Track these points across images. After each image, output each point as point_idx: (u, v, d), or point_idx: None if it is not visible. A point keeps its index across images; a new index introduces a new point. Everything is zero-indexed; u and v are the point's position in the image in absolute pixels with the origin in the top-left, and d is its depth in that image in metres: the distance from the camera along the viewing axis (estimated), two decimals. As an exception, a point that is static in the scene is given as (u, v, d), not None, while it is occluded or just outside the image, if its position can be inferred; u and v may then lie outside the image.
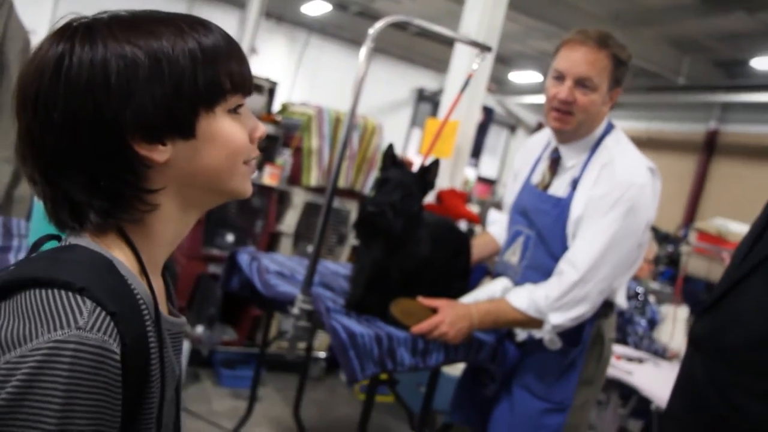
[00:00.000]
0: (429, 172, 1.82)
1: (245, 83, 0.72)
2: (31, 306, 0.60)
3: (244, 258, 2.26)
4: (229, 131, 0.70)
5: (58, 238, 0.73)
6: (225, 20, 9.46)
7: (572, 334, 1.79)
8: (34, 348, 0.57)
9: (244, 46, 7.15)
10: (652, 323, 3.36)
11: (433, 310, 1.78)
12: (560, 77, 1.73)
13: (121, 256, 0.69)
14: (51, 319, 0.59)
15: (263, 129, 0.76)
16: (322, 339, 3.59)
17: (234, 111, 0.71)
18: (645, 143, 10.95)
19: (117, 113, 0.63)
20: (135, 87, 0.63)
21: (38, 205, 1.74)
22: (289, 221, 3.71)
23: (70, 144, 0.64)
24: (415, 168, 1.86)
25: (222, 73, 0.68)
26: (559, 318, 1.72)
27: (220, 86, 0.69)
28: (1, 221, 2.02)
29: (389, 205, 1.71)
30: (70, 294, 0.61)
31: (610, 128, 1.82)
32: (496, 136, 13.03)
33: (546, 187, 1.86)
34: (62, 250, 0.67)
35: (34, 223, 1.74)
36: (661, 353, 3.24)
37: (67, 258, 0.65)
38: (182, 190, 0.71)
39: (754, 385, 1.02)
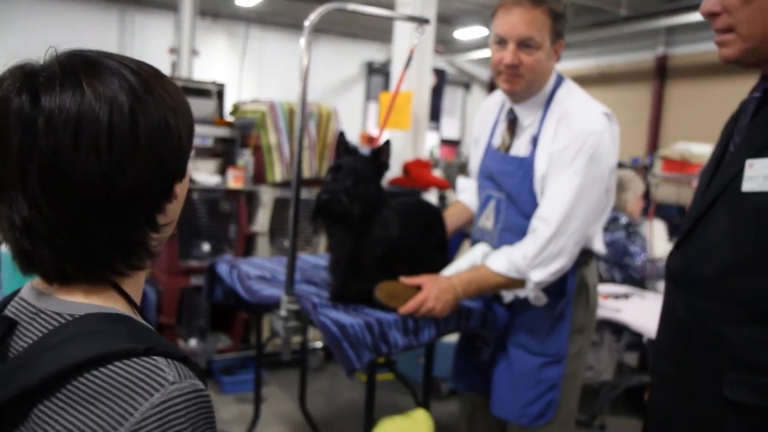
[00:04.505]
0: (381, 153, 1.83)
1: None
2: (109, 385, 0.61)
3: (223, 268, 2.25)
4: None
5: None
6: (160, 26, 9.24)
7: (557, 287, 1.82)
8: (143, 419, 0.60)
9: (184, 50, 6.99)
10: (644, 247, 3.43)
11: (417, 288, 1.80)
12: (502, 41, 1.73)
13: (118, 305, 0.71)
14: (141, 387, 0.61)
15: None
16: (316, 330, 3.61)
17: None
18: (597, 79, 11.01)
19: (182, 161, 0.73)
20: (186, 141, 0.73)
21: (6, 255, 1.71)
22: (262, 220, 3.69)
23: (136, 184, 0.67)
24: (381, 141, 1.87)
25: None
26: (539, 275, 1.75)
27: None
28: (-30, 275, 1.99)
29: (343, 191, 1.72)
30: (141, 359, 0.63)
31: (560, 81, 1.83)
32: (452, 96, 13.02)
33: (507, 148, 1.88)
34: (86, 324, 0.66)
35: (5, 274, 1.72)
36: None
37: (104, 328, 0.66)
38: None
39: (729, 311, 1.06)
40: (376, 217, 1.79)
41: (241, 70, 10.20)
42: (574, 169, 1.70)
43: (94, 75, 0.64)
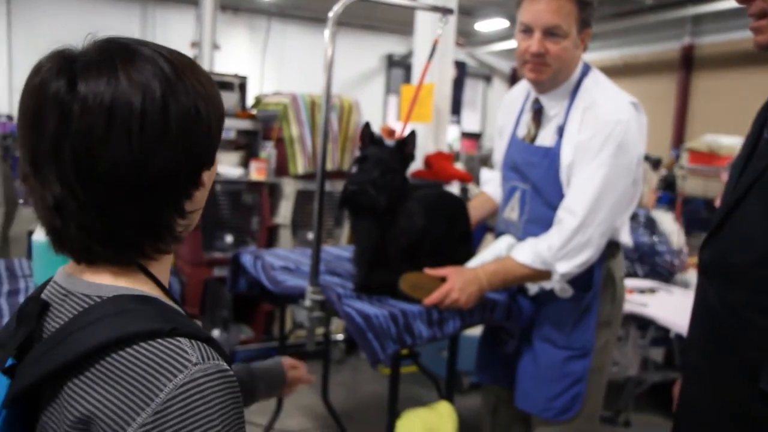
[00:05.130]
0: (406, 144, 1.82)
1: None
2: (133, 365, 0.62)
3: (247, 258, 2.26)
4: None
5: None
6: (181, 20, 9.30)
7: (583, 280, 1.80)
8: (167, 400, 0.60)
9: (205, 44, 7.03)
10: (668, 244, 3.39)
11: (442, 279, 1.79)
12: (528, 30, 1.71)
13: (146, 287, 0.72)
14: (164, 368, 0.62)
15: None
16: (338, 322, 3.62)
17: None
18: (622, 70, 10.87)
19: (211, 148, 0.74)
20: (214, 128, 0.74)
21: (37, 244, 1.73)
22: (284, 212, 3.70)
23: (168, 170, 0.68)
24: (401, 134, 1.86)
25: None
26: (565, 266, 1.73)
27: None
28: (3, 264, 2.02)
29: (369, 182, 1.71)
30: (165, 340, 0.64)
31: (586, 70, 1.80)
32: (472, 89, 12.94)
33: (533, 139, 1.86)
34: (114, 305, 0.67)
35: (36, 261, 1.74)
36: None
37: (131, 309, 0.66)
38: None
39: (764, 301, 1.04)
40: (401, 208, 1.78)
41: (263, 64, 10.24)
42: (600, 159, 1.67)
43: (129, 61, 0.66)
